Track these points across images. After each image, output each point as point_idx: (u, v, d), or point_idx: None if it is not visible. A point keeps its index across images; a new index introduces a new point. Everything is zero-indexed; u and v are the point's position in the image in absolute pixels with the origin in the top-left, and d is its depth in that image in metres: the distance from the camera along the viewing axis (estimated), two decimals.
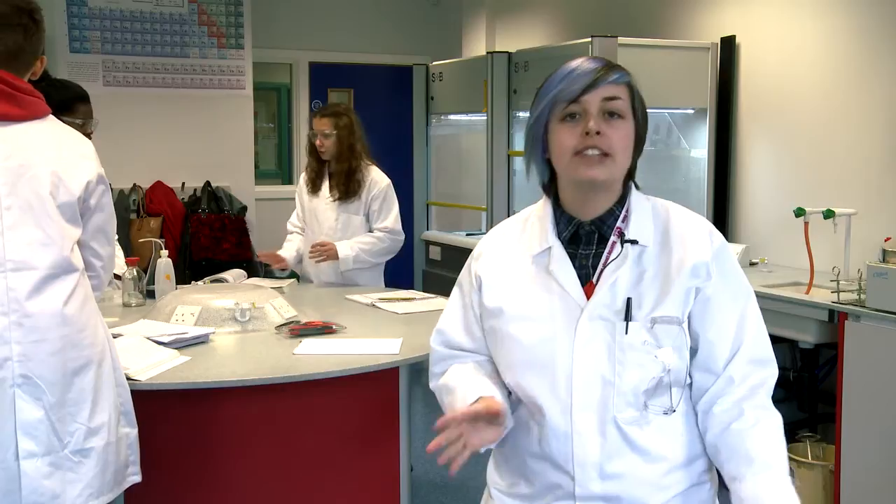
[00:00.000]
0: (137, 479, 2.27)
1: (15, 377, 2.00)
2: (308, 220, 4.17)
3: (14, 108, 2.10)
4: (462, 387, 1.62)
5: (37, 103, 2.16)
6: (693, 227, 1.59)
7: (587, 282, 1.56)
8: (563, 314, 1.55)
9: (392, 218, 4.03)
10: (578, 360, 1.53)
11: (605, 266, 1.56)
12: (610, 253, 1.56)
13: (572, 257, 1.58)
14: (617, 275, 1.54)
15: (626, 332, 1.52)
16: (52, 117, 2.20)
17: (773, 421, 1.56)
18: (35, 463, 2.03)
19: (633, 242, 1.56)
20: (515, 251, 1.64)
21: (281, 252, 4.18)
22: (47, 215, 2.08)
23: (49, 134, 2.15)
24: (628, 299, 1.53)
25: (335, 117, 4.01)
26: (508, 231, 1.69)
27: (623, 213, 1.59)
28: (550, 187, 1.64)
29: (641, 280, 1.55)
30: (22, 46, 2.16)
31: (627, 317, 1.52)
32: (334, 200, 4.03)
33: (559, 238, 1.59)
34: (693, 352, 1.57)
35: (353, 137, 4.00)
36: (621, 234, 1.57)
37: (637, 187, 1.63)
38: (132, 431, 2.26)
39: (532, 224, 1.65)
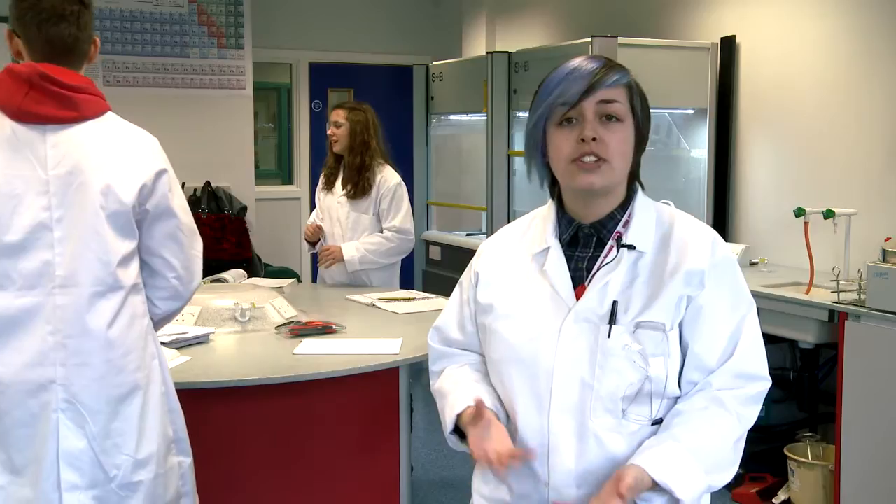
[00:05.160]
0: None
1: (59, 402, 1.89)
2: (324, 218, 4.18)
3: (64, 111, 1.94)
4: (453, 393, 1.62)
5: (91, 101, 1.99)
6: (695, 236, 1.55)
7: (580, 284, 1.54)
8: (550, 314, 1.53)
9: (400, 217, 4.00)
10: (560, 360, 1.51)
11: (599, 269, 1.54)
12: (606, 256, 1.55)
13: (569, 259, 1.57)
14: (609, 278, 1.52)
15: (609, 336, 1.49)
16: (110, 114, 2.03)
17: (722, 419, 1.49)
18: (78, 496, 1.91)
19: (630, 247, 1.54)
20: (516, 251, 1.64)
21: (315, 223, 4.18)
22: (93, 228, 1.93)
23: (102, 136, 1.98)
24: (614, 302, 1.50)
25: (350, 111, 4.05)
26: (513, 231, 1.69)
27: (625, 217, 1.57)
28: (554, 189, 1.63)
29: (632, 285, 1.52)
30: (76, 37, 1.99)
31: (612, 320, 1.49)
32: (346, 196, 4.04)
33: (559, 239, 1.59)
34: (681, 362, 1.52)
35: (366, 133, 4.01)
36: (618, 239, 1.55)
37: (642, 187, 1.61)
38: (186, 460, 2.12)
39: (536, 225, 1.65)
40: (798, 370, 3.96)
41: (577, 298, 1.53)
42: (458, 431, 1.61)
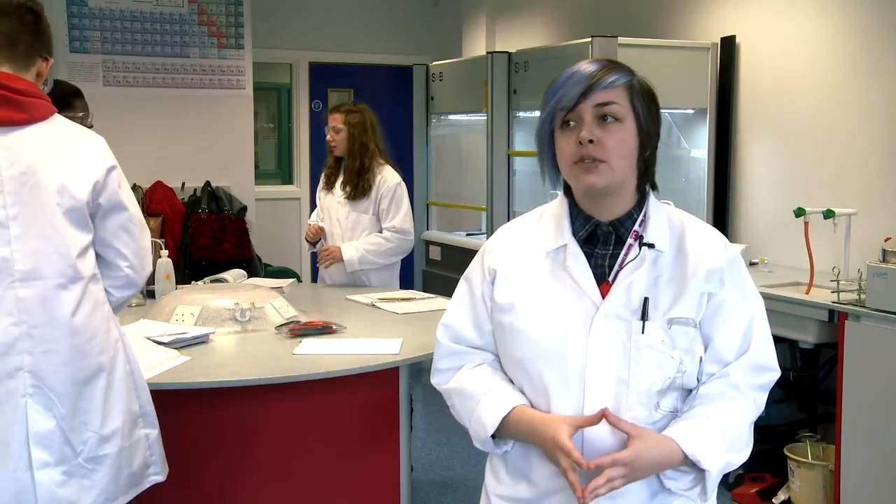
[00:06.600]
0: (160, 478, 2.25)
1: (26, 387, 1.99)
2: (324, 217, 4.19)
3: (13, 113, 2.03)
4: (487, 395, 1.61)
5: (38, 104, 2.09)
6: (709, 237, 1.62)
7: (602, 281, 1.57)
8: (577, 311, 1.55)
9: (400, 217, 4.00)
10: (592, 357, 1.53)
11: (621, 267, 1.57)
12: (627, 254, 1.57)
13: (588, 256, 1.59)
14: (633, 276, 1.56)
15: (643, 332, 1.53)
16: (57, 117, 2.14)
17: (740, 402, 1.56)
18: (49, 472, 2.01)
19: (651, 246, 1.57)
20: (529, 247, 1.64)
21: (316, 223, 4.20)
22: (51, 224, 2.03)
23: (52, 137, 2.08)
24: (645, 299, 1.54)
25: (347, 114, 4.03)
26: (522, 227, 1.69)
27: (641, 217, 1.60)
28: (568, 186, 1.64)
29: (657, 283, 1.56)
30: (19, 35, 2.09)
31: (644, 316, 1.53)
32: (345, 198, 4.04)
33: (575, 236, 1.61)
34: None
35: (365, 136, 4.00)
36: (639, 237, 1.58)
37: (655, 188, 1.65)
38: (153, 432, 2.23)
39: (547, 221, 1.66)
40: (798, 370, 3.95)
41: (602, 295, 1.56)
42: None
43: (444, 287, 1.76)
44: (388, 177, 4.02)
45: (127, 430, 2.15)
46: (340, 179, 4.08)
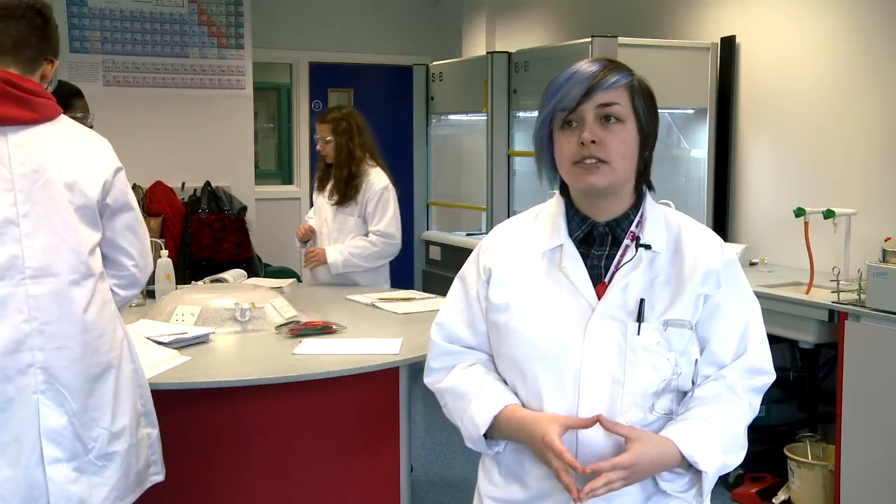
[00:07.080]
0: (160, 478, 2.27)
1: (38, 384, 2.00)
2: (315, 217, 4.21)
3: (24, 112, 2.05)
4: (480, 394, 1.61)
5: (47, 105, 2.12)
6: (705, 239, 1.61)
7: (599, 282, 1.56)
8: (573, 312, 1.55)
9: (385, 221, 4.00)
10: (588, 358, 1.52)
11: (617, 268, 1.56)
12: (623, 255, 1.57)
13: (584, 257, 1.58)
14: (630, 278, 1.55)
15: (639, 333, 1.52)
16: (64, 117, 2.16)
17: (736, 405, 1.57)
18: (61, 469, 2.03)
19: (647, 247, 1.57)
20: (525, 246, 1.63)
21: (308, 223, 4.24)
22: (63, 221, 2.05)
23: (62, 136, 2.11)
24: (641, 300, 1.53)
25: (334, 123, 4.03)
26: (518, 226, 1.68)
27: (638, 218, 1.60)
28: (564, 186, 1.64)
29: (653, 284, 1.56)
30: (26, 38, 2.11)
31: (640, 318, 1.52)
32: (333, 204, 4.05)
33: (571, 237, 1.60)
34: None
35: (352, 143, 4.01)
36: (636, 239, 1.57)
37: (651, 188, 1.64)
38: (153, 431, 2.26)
39: (543, 221, 1.65)
40: (798, 370, 3.96)
41: (598, 296, 1.55)
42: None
43: (444, 287, 1.75)
44: (374, 181, 4.02)
45: (134, 428, 2.17)
46: (331, 184, 4.09)
